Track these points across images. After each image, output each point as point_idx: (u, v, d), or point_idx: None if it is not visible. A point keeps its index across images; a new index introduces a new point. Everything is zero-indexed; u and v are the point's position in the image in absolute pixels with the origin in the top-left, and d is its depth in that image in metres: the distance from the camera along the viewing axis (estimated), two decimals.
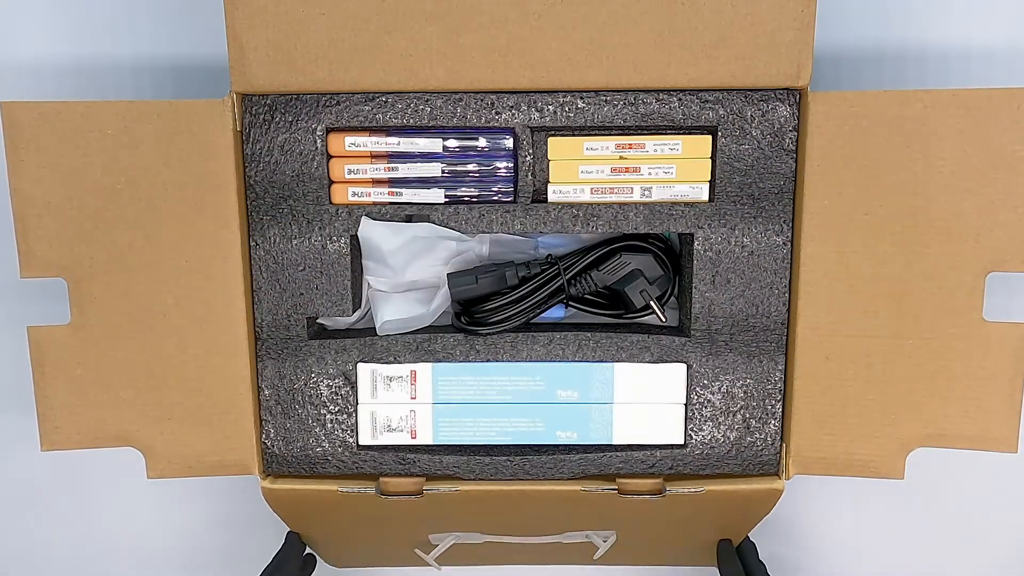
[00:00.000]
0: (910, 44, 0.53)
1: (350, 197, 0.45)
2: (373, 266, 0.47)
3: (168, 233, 0.44)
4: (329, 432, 0.47)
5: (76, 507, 0.60)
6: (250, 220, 0.45)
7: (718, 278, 0.46)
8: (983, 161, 0.43)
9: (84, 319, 0.45)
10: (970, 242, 0.43)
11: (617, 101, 0.44)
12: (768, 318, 0.46)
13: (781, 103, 0.44)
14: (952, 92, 0.42)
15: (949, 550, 0.60)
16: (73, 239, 0.44)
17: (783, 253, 0.45)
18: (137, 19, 0.54)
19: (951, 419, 0.45)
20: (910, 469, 0.45)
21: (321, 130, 0.44)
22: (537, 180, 0.46)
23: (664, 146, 0.45)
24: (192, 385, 0.45)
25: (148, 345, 0.45)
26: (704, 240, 0.45)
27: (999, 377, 0.44)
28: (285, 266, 0.46)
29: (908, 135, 0.43)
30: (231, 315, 0.45)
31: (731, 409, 0.47)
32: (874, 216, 0.44)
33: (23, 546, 0.61)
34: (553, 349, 0.47)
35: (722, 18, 0.42)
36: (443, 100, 0.44)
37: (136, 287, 0.45)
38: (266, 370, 0.47)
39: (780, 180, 0.45)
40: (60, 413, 0.45)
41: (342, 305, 0.46)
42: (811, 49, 0.42)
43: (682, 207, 0.45)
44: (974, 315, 0.44)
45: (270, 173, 0.45)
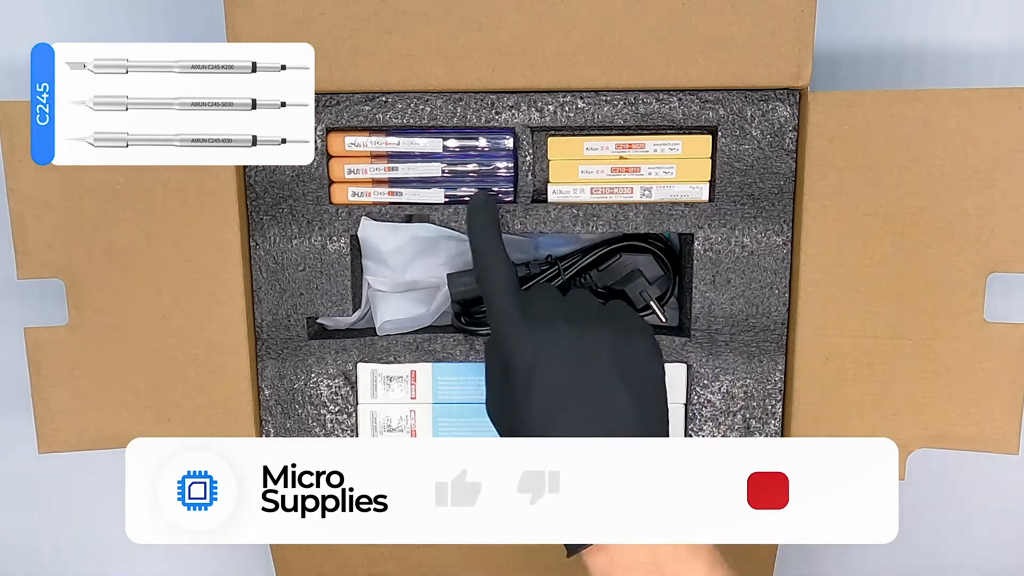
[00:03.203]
0: (910, 44, 0.53)
1: (350, 197, 0.45)
2: (373, 266, 0.47)
3: (168, 233, 0.44)
4: (329, 432, 0.47)
5: (76, 508, 0.60)
6: (250, 220, 0.45)
7: (718, 278, 0.46)
8: (984, 161, 0.43)
9: (82, 320, 0.45)
10: (971, 242, 0.43)
11: (617, 101, 0.44)
12: (768, 318, 0.46)
13: (781, 103, 0.44)
14: (952, 92, 0.42)
15: (949, 551, 0.60)
16: (71, 239, 0.44)
17: (783, 253, 0.45)
18: (137, 18, 0.54)
19: (951, 420, 0.45)
20: (910, 469, 0.45)
21: (321, 130, 0.44)
22: (537, 180, 0.46)
23: (664, 146, 0.45)
24: (192, 385, 0.45)
25: (147, 346, 0.45)
26: (704, 240, 0.45)
27: (1000, 378, 0.44)
28: (285, 266, 0.46)
29: (908, 135, 0.43)
30: (231, 315, 0.45)
31: (731, 409, 0.47)
32: (874, 216, 0.44)
33: (23, 546, 0.61)
34: None
35: (722, 18, 0.42)
36: (443, 100, 0.44)
37: (135, 288, 0.44)
38: (266, 370, 0.46)
39: (780, 180, 0.45)
40: (58, 415, 0.45)
41: (342, 305, 0.46)
42: (811, 49, 0.42)
43: (682, 207, 0.45)
44: (975, 316, 0.44)
45: (270, 173, 0.45)
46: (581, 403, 0.37)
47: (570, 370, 0.38)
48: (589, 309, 0.41)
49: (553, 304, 0.41)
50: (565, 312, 0.40)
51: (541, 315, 0.39)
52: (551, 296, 0.41)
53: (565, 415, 0.37)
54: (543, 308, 0.40)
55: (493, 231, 0.42)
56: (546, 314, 0.39)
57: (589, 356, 0.38)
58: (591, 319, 0.40)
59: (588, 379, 0.38)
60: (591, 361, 0.38)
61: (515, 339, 0.39)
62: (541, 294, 0.42)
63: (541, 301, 0.41)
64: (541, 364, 0.38)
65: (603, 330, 0.39)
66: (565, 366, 0.38)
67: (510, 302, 0.40)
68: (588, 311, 0.41)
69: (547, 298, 0.41)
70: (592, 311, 0.41)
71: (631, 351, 0.39)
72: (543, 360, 0.38)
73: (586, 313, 0.40)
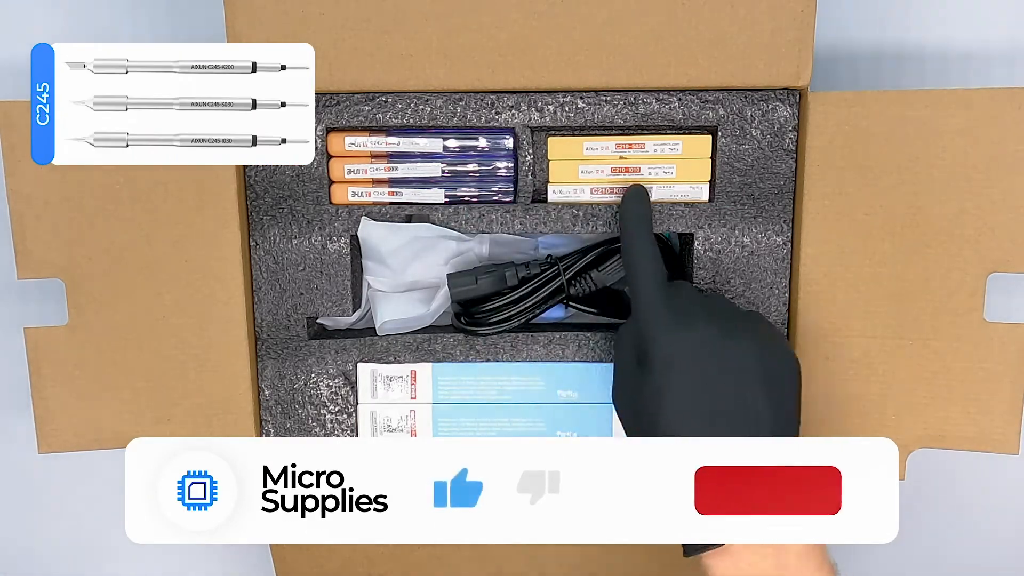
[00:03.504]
0: (910, 44, 0.53)
1: (350, 197, 0.45)
2: (373, 266, 0.47)
3: (167, 233, 0.44)
4: (329, 432, 0.47)
5: (76, 508, 0.60)
6: (250, 220, 0.45)
7: (718, 278, 0.45)
8: (984, 161, 0.43)
9: (82, 320, 0.45)
10: (971, 242, 0.43)
11: (617, 101, 0.44)
12: (768, 318, 0.46)
13: (781, 103, 0.44)
14: (952, 92, 0.43)
15: (949, 551, 0.60)
16: (71, 239, 0.44)
17: (783, 253, 0.45)
18: (137, 18, 0.54)
19: (951, 420, 0.45)
20: (910, 470, 0.45)
21: (321, 130, 0.44)
22: (537, 180, 0.46)
23: (664, 146, 0.45)
24: (192, 385, 0.45)
25: (147, 346, 0.45)
26: (704, 240, 0.45)
27: (1000, 378, 0.44)
28: (285, 266, 0.46)
29: (908, 135, 0.43)
30: (231, 315, 0.45)
31: None
32: (874, 216, 0.44)
33: (23, 546, 0.61)
34: (553, 349, 0.47)
35: (722, 18, 0.42)
36: (443, 100, 0.44)
37: (135, 287, 0.44)
38: (266, 370, 0.46)
39: (780, 180, 0.45)
40: (58, 415, 0.45)
41: (342, 305, 0.46)
42: (811, 49, 0.42)
43: (682, 207, 0.45)
44: (975, 316, 0.44)
45: (270, 173, 0.45)
46: (717, 404, 0.37)
47: (710, 369, 0.37)
48: (731, 311, 0.41)
49: (696, 301, 0.40)
50: (708, 309, 0.40)
51: (685, 310, 0.39)
52: (693, 293, 0.41)
53: (700, 413, 0.37)
54: (687, 303, 0.40)
55: (646, 222, 0.42)
56: (690, 310, 0.39)
57: (731, 358, 0.38)
58: (736, 321, 0.40)
59: (727, 381, 0.37)
60: (732, 363, 0.38)
61: (659, 329, 0.38)
62: (684, 289, 0.41)
63: (685, 296, 0.41)
64: (681, 358, 0.38)
65: (746, 334, 0.39)
66: (707, 363, 0.38)
67: (658, 292, 0.39)
68: (731, 313, 0.41)
69: (690, 294, 0.41)
70: (736, 314, 0.41)
71: (773, 360, 0.39)
72: (685, 354, 0.38)
73: (730, 315, 0.40)
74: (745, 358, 0.38)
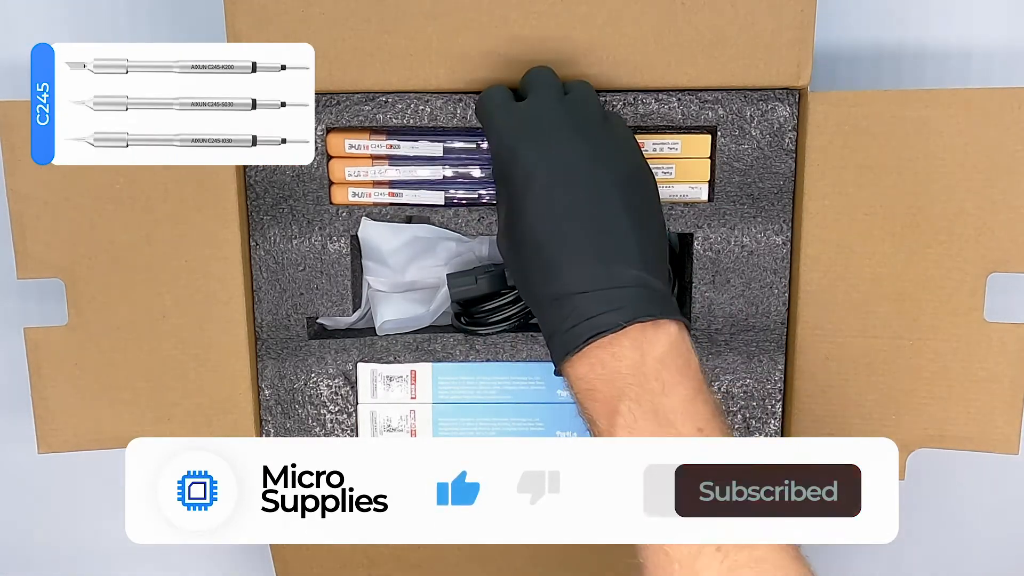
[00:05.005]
0: (909, 44, 0.53)
1: (350, 198, 0.45)
2: (373, 266, 0.47)
3: (167, 233, 0.44)
4: (329, 432, 0.47)
5: (76, 508, 0.60)
6: (250, 220, 0.45)
7: (718, 278, 0.46)
8: (984, 161, 0.43)
9: (82, 320, 0.45)
10: (971, 242, 0.43)
11: (616, 101, 0.44)
12: (768, 318, 0.46)
13: (781, 103, 0.44)
14: (952, 92, 0.43)
15: (949, 551, 0.60)
16: (71, 239, 0.44)
17: (783, 253, 0.45)
18: (136, 18, 0.54)
19: (952, 420, 0.45)
20: (910, 470, 0.45)
21: (321, 130, 0.44)
22: None
23: (663, 146, 0.45)
24: (192, 385, 0.45)
25: (147, 346, 0.45)
26: (704, 240, 0.45)
27: (1000, 378, 0.44)
28: (285, 266, 0.46)
29: (908, 135, 0.43)
30: (231, 315, 0.45)
31: (731, 409, 0.47)
32: (874, 216, 0.44)
33: (23, 546, 0.61)
34: None
35: (722, 18, 0.42)
36: (443, 100, 0.44)
37: (135, 287, 0.44)
38: (266, 370, 0.46)
39: (780, 180, 0.45)
40: (58, 415, 0.45)
41: (342, 305, 0.46)
42: (811, 49, 0.42)
43: (682, 207, 0.45)
44: (975, 316, 0.44)
45: (270, 173, 0.45)
46: (582, 220, 0.36)
47: (572, 183, 0.36)
48: (592, 118, 0.39)
49: (553, 113, 0.39)
50: (568, 122, 0.38)
51: (541, 126, 0.38)
52: (550, 104, 0.39)
53: (564, 228, 0.36)
54: (542, 119, 0.39)
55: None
56: (546, 125, 0.38)
57: (590, 173, 0.37)
58: (595, 131, 0.38)
59: (590, 196, 0.36)
60: (593, 177, 0.37)
61: (511, 152, 0.38)
62: (540, 104, 0.40)
63: (540, 112, 0.39)
64: (540, 174, 0.37)
65: (606, 145, 0.38)
66: (567, 177, 0.36)
67: (505, 116, 0.39)
68: (591, 120, 0.39)
69: (546, 107, 0.39)
70: (595, 120, 0.39)
71: (634, 174, 0.38)
72: (542, 171, 0.37)
73: (589, 125, 0.39)
74: (602, 173, 0.37)
